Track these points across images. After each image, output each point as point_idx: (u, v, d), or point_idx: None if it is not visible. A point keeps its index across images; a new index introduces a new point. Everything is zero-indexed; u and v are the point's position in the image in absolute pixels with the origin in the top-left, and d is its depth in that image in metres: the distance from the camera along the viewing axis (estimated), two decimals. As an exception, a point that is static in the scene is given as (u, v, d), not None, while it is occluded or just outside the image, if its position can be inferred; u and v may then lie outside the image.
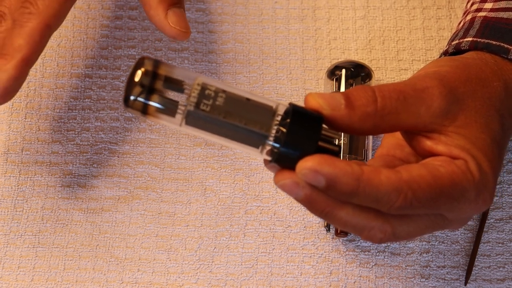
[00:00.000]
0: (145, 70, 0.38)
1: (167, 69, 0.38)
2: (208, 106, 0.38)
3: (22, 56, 0.47)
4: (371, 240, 0.40)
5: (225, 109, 0.38)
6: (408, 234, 0.40)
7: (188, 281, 0.54)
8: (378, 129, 0.40)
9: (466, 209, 0.41)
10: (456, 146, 0.40)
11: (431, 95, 0.40)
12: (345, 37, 0.62)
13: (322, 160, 0.37)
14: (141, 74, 0.38)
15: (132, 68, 0.38)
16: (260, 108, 0.39)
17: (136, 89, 0.38)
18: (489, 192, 0.41)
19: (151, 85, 0.38)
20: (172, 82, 0.38)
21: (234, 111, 0.38)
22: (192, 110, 0.38)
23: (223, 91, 0.38)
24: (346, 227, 0.40)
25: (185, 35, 0.51)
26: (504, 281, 0.54)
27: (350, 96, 0.39)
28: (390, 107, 0.39)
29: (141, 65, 0.38)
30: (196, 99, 0.38)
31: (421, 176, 0.38)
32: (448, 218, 0.41)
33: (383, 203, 0.38)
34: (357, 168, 0.37)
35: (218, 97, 0.38)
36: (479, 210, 0.41)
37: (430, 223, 0.41)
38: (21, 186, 0.57)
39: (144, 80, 0.38)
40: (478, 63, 0.46)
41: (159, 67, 0.38)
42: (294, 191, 0.38)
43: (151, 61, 0.38)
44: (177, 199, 0.57)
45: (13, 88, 0.47)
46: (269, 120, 0.38)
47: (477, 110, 0.42)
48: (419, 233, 0.41)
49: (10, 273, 0.54)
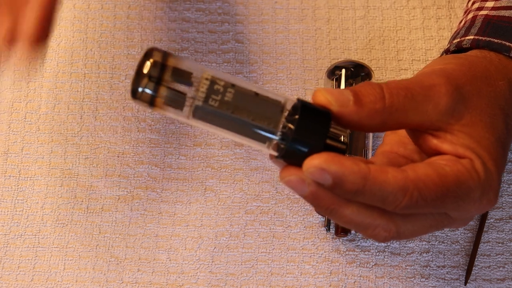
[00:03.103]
0: (154, 61, 0.37)
1: (176, 61, 0.38)
2: (216, 101, 0.37)
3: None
4: (375, 238, 0.40)
5: (233, 104, 0.38)
6: (412, 232, 0.40)
7: (188, 281, 0.54)
8: (385, 126, 0.40)
9: (471, 209, 0.40)
10: (461, 145, 0.40)
11: (438, 93, 0.40)
12: (345, 37, 0.62)
13: (329, 158, 0.37)
14: (149, 65, 0.37)
15: (141, 59, 0.37)
16: (269, 103, 0.38)
17: (144, 81, 0.37)
18: (493, 192, 0.41)
19: (159, 77, 0.37)
20: (181, 74, 0.38)
21: (243, 106, 0.38)
22: (200, 105, 0.37)
23: (232, 85, 0.38)
24: (350, 225, 0.40)
25: None
26: (504, 281, 0.54)
27: (359, 92, 0.39)
28: (398, 104, 0.39)
29: (150, 56, 0.37)
30: (205, 94, 0.37)
31: (427, 175, 0.38)
32: (452, 217, 0.41)
33: (389, 202, 0.38)
34: (364, 167, 0.37)
35: (227, 92, 0.38)
36: (483, 210, 0.41)
37: (434, 222, 0.41)
38: (21, 186, 0.57)
39: (153, 72, 0.37)
40: (483, 62, 0.45)
41: (167, 59, 0.38)
42: (300, 187, 0.38)
43: (160, 53, 0.38)
44: (177, 199, 0.57)
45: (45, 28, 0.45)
46: (277, 115, 0.38)
47: (483, 109, 0.42)
48: (423, 231, 0.41)
49: (10, 273, 0.54)
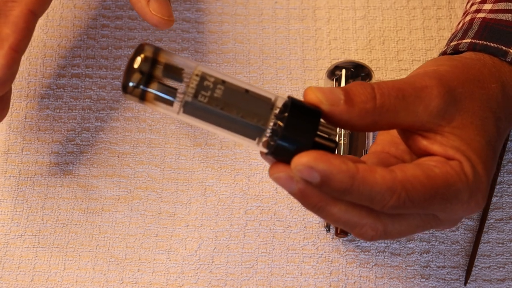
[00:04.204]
0: (145, 56, 0.37)
1: (167, 56, 0.38)
2: (206, 97, 0.38)
3: (10, 44, 0.47)
4: (362, 237, 0.40)
5: (223, 101, 0.38)
6: (399, 232, 0.41)
7: (188, 281, 0.54)
8: (376, 126, 0.40)
9: (458, 210, 0.41)
10: (451, 147, 0.40)
11: (430, 94, 0.40)
12: (345, 37, 0.62)
13: (318, 156, 0.37)
14: (140, 60, 0.37)
15: (132, 54, 0.38)
16: (259, 100, 0.38)
17: (135, 76, 0.37)
18: (481, 194, 0.41)
19: (150, 72, 0.37)
20: (172, 70, 0.38)
21: (232, 103, 0.38)
22: (189, 101, 0.38)
23: (222, 82, 0.38)
24: (337, 223, 0.40)
25: (168, 23, 0.50)
26: (504, 281, 0.54)
27: (350, 91, 0.39)
28: (388, 104, 0.39)
29: (141, 51, 0.38)
30: (195, 90, 0.38)
31: (416, 176, 0.38)
32: (440, 218, 0.41)
33: (377, 202, 0.38)
34: (352, 166, 0.37)
35: (216, 89, 0.38)
36: (471, 212, 0.41)
37: (421, 222, 0.41)
38: (21, 186, 0.57)
39: (143, 67, 0.37)
40: (476, 64, 0.45)
41: (159, 54, 0.38)
42: (288, 184, 0.38)
43: (151, 48, 0.38)
44: (177, 199, 0.57)
45: (6, 77, 0.47)
46: (267, 113, 0.38)
47: (474, 112, 0.42)
48: (410, 232, 0.41)
49: (10, 273, 0.54)
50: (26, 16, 0.48)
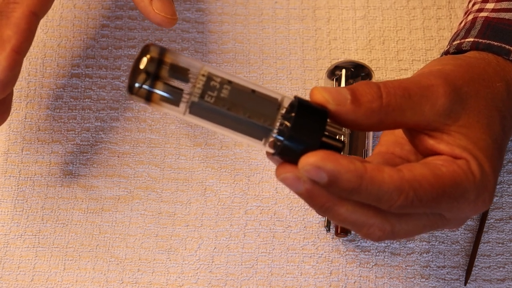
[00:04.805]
0: (151, 57, 0.37)
1: (173, 57, 0.38)
2: (212, 97, 0.37)
3: (12, 46, 0.47)
4: (369, 237, 0.40)
5: (229, 101, 0.38)
6: (406, 232, 0.41)
7: (188, 281, 0.54)
8: (382, 125, 0.40)
9: (466, 209, 0.41)
10: (458, 146, 0.40)
11: (436, 93, 0.40)
12: (345, 37, 0.62)
13: (325, 156, 0.37)
14: (146, 61, 0.37)
15: (138, 54, 0.37)
16: (265, 101, 0.38)
17: (141, 77, 0.37)
18: (489, 193, 0.41)
19: (156, 73, 0.37)
20: (178, 70, 0.38)
21: (239, 103, 0.38)
22: (196, 101, 0.37)
23: (228, 82, 0.38)
24: (345, 224, 0.40)
25: (171, 21, 0.50)
26: (504, 281, 0.54)
27: (356, 91, 0.39)
28: (395, 103, 0.39)
29: (147, 52, 0.37)
30: (201, 90, 0.37)
31: (423, 175, 0.38)
32: (446, 217, 0.41)
33: (384, 202, 0.38)
34: (360, 165, 0.37)
35: (223, 89, 0.38)
36: (478, 211, 0.41)
37: (429, 222, 0.41)
38: (21, 186, 0.57)
39: (149, 68, 0.37)
40: (481, 63, 0.45)
41: (165, 54, 0.38)
42: (295, 185, 0.38)
43: (157, 48, 0.38)
44: (177, 199, 0.57)
45: (8, 79, 0.47)
46: (274, 113, 0.38)
47: (480, 111, 0.42)
48: (418, 232, 0.41)
49: (10, 273, 0.54)
50: (28, 18, 0.48)
